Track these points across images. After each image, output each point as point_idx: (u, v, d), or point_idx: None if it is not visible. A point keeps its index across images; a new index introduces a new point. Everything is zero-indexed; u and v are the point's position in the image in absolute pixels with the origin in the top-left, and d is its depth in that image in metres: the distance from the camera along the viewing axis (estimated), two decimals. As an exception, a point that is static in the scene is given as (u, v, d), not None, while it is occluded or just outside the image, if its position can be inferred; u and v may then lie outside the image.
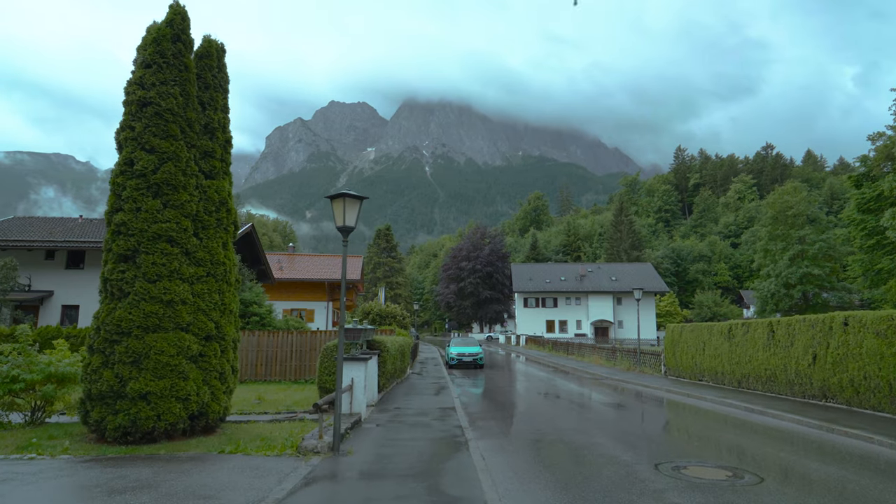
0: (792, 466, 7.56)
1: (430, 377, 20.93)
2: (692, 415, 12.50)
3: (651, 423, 11.66)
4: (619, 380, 20.82)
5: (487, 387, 19.00)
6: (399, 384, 17.76)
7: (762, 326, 15.37)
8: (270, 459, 7.25)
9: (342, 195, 7.93)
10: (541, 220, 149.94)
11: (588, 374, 23.95)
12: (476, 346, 28.63)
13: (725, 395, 15.01)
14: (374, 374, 12.67)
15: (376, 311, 25.58)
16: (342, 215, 7.92)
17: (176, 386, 8.41)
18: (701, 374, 18.96)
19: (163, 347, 8.39)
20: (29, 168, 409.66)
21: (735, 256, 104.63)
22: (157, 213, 8.79)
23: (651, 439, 9.44)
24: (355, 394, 10.28)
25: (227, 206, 9.92)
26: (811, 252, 57.02)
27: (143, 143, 8.91)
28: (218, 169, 9.82)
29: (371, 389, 12.53)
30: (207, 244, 9.35)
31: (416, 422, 10.58)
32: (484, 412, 12.63)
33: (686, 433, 10.25)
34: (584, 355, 33.05)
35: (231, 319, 9.76)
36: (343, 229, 7.97)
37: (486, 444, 8.69)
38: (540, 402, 14.89)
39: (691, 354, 19.58)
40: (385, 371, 13.72)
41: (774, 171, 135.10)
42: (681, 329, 20.74)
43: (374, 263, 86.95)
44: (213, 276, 9.34)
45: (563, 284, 69.47)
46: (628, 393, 17.13)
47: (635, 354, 25.22)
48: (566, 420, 11.40)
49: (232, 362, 9.80)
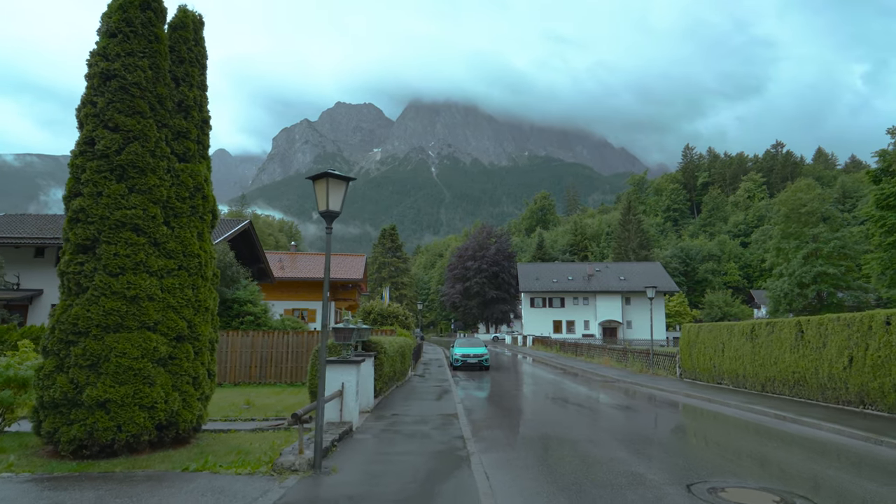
0: (847, 488, 6.49)
1: (433, 380, 19.92)
2: (717, 422, 11.42)
3: (673, 433, 10.60)
4: (632, 382, 19.73)
5: (493, 390, 17.97)
6: (399, 387, 16.76)
7: (789, 326, 14.25)
8: (240, 479, 6.26)
9: (325, 175, 6.95)
10: (547, 219, 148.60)
11: (598, 376, 22.87)
12: (481, 347, 27.59)
13: (750, 400, 13.90)
14: (369, 378, 11.68)
15: (378, 310, 24.60)
16: (325, 198, 6.94)
17: (140, 392, 7.45)
18: (720, 376, 17.85)
19: (125, 349, 7.43)
20: (38, 170, 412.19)
21: (745, 256, 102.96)
22: (120, 198, 7.84)
23: (676, 452, 8.39)
24: (346, 400, 9.30)
25: (204, 192, 8.96)
26: (826, 250, 55.56)
27: (106, 120, 7.96)
28: (193, 151, 8.85)
29: (366, 395, 11.54)
30: (180, 234, 8.39)
31: (414, 431, 9.57)
32: (489, 419, 11.61)
33: (715, 444, 9.18)
34: (594, 356, 31.95)
35: (207, 318, 8.79)
36: (327, 214, 6.99)
37: (491, 459, 7.68)
38: (549, 407, 13.84)
39: (709, 356, 18.47)
40: (382, 374, 12.73)
41: (784, 170, 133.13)
42: (698, 329, 19.63)
43: (379, 263, 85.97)
44: (185, 270, 8.38)
45: (571, 284, 68.27)
46: (643, 397, 16.05)
47: (648, 356, 24.11)
48: (579, 429, 10.36)
49: (208, 365, 8.84)
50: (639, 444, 8.85)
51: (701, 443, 9.32)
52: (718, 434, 10.11)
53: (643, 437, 9.58)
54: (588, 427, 10.60)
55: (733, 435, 9.98)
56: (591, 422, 11.36)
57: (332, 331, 9.64)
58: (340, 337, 9.51)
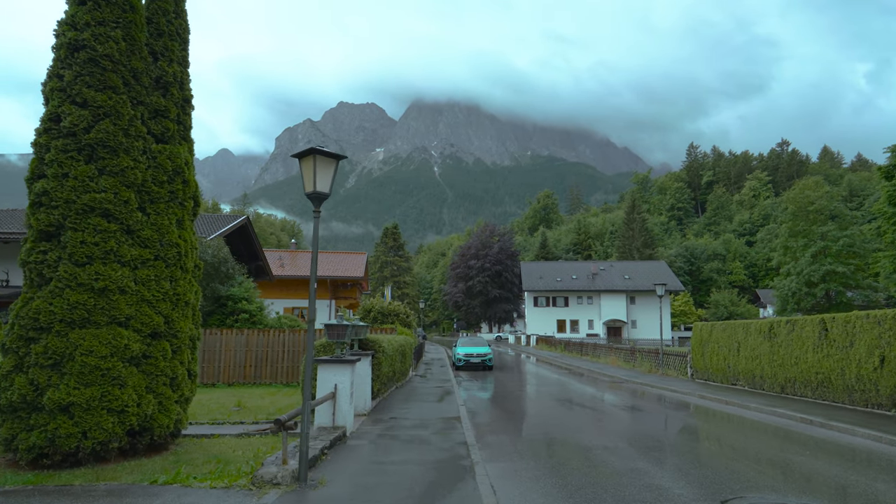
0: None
1: (435, 380, 19.18)
2: (739, 427, 10.63)
3: (694, 439, 9.81)
4: (642, 383, 18.95)
5: (497, 391, 17.22)
6: (399, 388, 16.01)
7: (812, 324, 13.46)
8: (212, 494, 5.52)
9: (312, 152, 6.20)
10: (550, 218, 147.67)
11: (606, 376, 22.09)
12: (485, 347, 26.84)
13: (770, 402, 13.11)
14: (365, 379, 10.93)
15: (378, 308, 23.87)
16: (312, 178, 6.19)
17: (109, 395, 6.72)
18: (735, 377, 17.05)
19: (92, 347, 6.70)
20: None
21: (750, 255, 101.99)
22: (89, 180, 7.11)
23: (702, 461, 7.61)
24: (339, 403, 8.55)
25: (184, 176, 8.22)
26: (834, 249, 54.59)
27: (74, 94, 7.22)
28: (172, 132, 8.12)
29: (362, 396, 10.80)
30: (156, 221, 7.65)
31: (413, 437, 8.82)
32: (494, 423, 10.84)
33: (742, 452, 8.41)
34: (600, 356, 31.16)
35: (187, 313, 8.06)
36: (314, 196, 6.24)
37: (498, 469, 6.92)
38: (557, 410, 13.08)
39: (723, 356, 17.67)
40: (380, 374, 11.98)
41: (790, 168, 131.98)
42: (711, 328, 18.84)
43: (382, 262, 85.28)
44: (162, 260, 7.64)
45: (575, 283, 67.45)
46: (655, 399, 15.26)
47: (657, 355, 23.31)
48: (591, 434, 9.60)
49: (188, 365, 8.10)
50: (659, 453, 8.08)
51: (727, 451, 8.54)
52: (743, 440, 9.32)
53: (662, 444, 8.81)
54: (601, 432, 9.83)
55: (760, 441, 9.20)
56: (603, 426, 10.59)
57: (324, 328, 8.91)
58: (334, 334, 8.77)
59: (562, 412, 12.58)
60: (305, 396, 5.91)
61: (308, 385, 5.97)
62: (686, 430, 10.57)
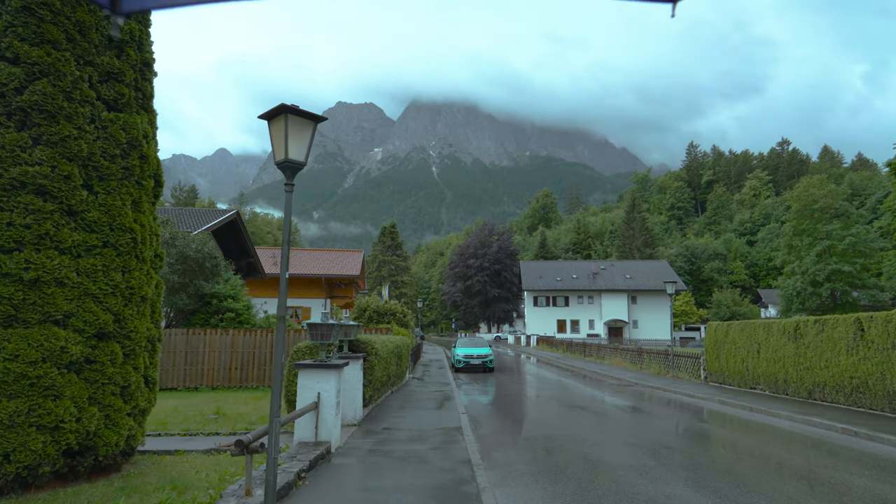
0: None
1: (433, 383, 18.02)
2: (775, 439, 9.50)
3: (730, 454, 8.65)
4: (653, 387, 17.82)
5: (501, 396, 16.07)
6: (394, 393, 14.85)
7: (845, 324, 12.33)
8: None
9: (283, 111, 5.05)
10: (549, 218, 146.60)
11: (613, 379, 20.96)
12: (485, 347, 25.70)
13: (802, 409, 11.98)
14: (355, 385, 9.77)
15: (373, 307, 22.70)
16: (283, 144, 5.04)
17: (39, 408, 5.55)
18: (754, 381, 15.93)
19: (18, 350, 5.54)
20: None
21: (751, 255, 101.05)
22: (20, 150, 5.94)
23: (748, 485, 6.46)
24: (323, 415, 7.38)
25: (142, 150, 7.05)
26: (840, 248, 53.59)
27: (3, 49, 6.05)
28: (128, 98, 6.95)
29: (351, 405, 9.64)
30: (106, 201, 6.48)
31: (409, 453, 7.66)
32: (500, 435, 9.69)
33: (790, 472, 7.27)
34: (604, 357, 30.03)
35: (144, 310, 6.89)
36: (287, 165, 5.08)
37: (510, 498, 5.77)
38: (569, 418, 11.93)
39: (741, 357, 16.55)
40: (373, 379, 10.81)
41: (791, 168, 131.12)
42: (727, 328, 17.71)
43: (379, 262, 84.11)
44: (113, 247, 6.48)
45: (575, 282, 66.36)
46: (673, 405, 14.13)
47: (666, 357, 22.18)
48: (612, 447, 8.47)
49: (145, 370, 6.93)
50: (694, 472, 6.94)
51: (771, 469, 7.40)
52: (785, 456, 8.18)
53: (696, 461, 7.66)
54: (622, 445, 8.69)
55: (804, 457, 8.06)
56: (623, 437, 9.44)
57: (307, 328, 7.75)
58: (317, 335, 7.60)
59: (574, 420, 11.43)
60: (272, 412, 4.74)
61: (277, 398, 4.82)
62: (717, 442, 9.42)
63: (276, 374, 4.86)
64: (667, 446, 8.69)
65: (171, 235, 17.38)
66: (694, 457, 7.96)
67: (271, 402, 4.79)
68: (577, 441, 8.98)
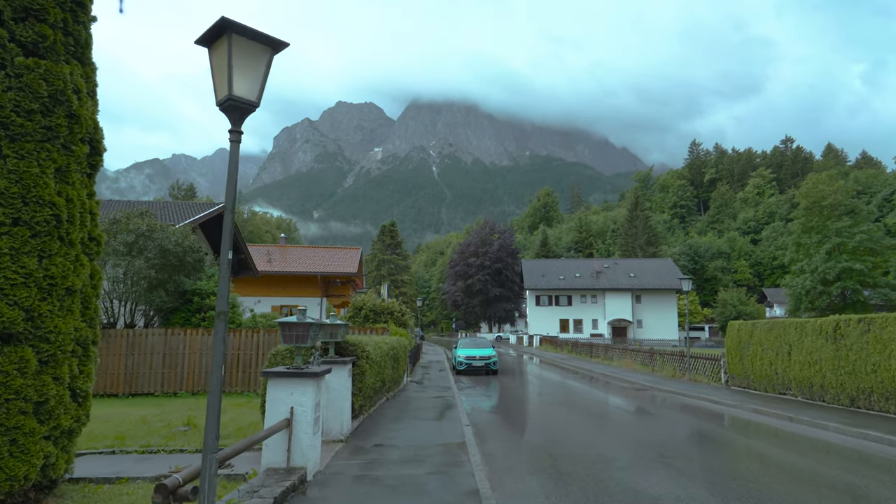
0: None
1: (433, 388, 16.65)
2: (832, 457, 8.13)
3: (784, 477, 7.24)
4: (671, 391, 16.46)
5: (507, 403, 14.70)
6: (390, 400, 13.48)
7: (895, 322, 10.96)
8: None
9: (225, 28, 3.67)
10: (551, 216, 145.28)
11: (626, 382, 19.60)
12: (489, 349, 24.33)
13: (849, 419, 10.61)
14: (342, 394, 8.39)
15: (369, 306, 21.33)
16: (227, 76, 3.66)
17: None
18: (784, 385, 14.55)
19: None
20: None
21: (756, 253, 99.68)
22: None
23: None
24: (297, 435, 6.01)
25: (71, 108, 5.66)
26: (850, 245, 52.13)
27: None
28: (52, 42, 5.56)
29: (337, 418, 8.27)
30: (18, 168, 5.11)
31: (403, 480, 6.29)
32: (511, 454, 8.32)
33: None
34: (613, 359, 28.66)
35: (71, 305, 5.51)
36: (231, 104, 3.71)
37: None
38: (588, 430, 10.56)
39: (769, 360, 15.17)
40: (364, 387, 9.43)
41: (795, 166, 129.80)
42: (751, 328, 16.33)
43: (379, 261, 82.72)
44: (26, 226, 5.11)
45: (578, 281, 65.02)
46: (702, 414, 12.75)
47: (681, 358, 20.82)
48: (646, 472, 7.11)
49: (74, 382, 5.55)
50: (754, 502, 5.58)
51: (847, 501, 6.03)
52: (860, 483, 6.80)
53: (753, 489, 6.27)
54: (659, 468, 7.32)
55: (882, 484, 6.68)
56: (657, 458, 8.07)
57: (279, 326, 6.38)
58: (291, 336, 6.23)
59: (594, 433, 10.07)
60: (207, 445, 3.37)
61: (214, 425, 3.44)
62: (771, 465, 8.04)
63: (214, 389, 3.49)
64: (709, 468, 7.32)
65: (148, 227, 16.02)
66: (749, 481, 6.57)
67: (206, 432, 3.42)
68: (603, 461, 7.60)
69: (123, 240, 15.70)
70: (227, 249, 3.70)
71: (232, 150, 3.78)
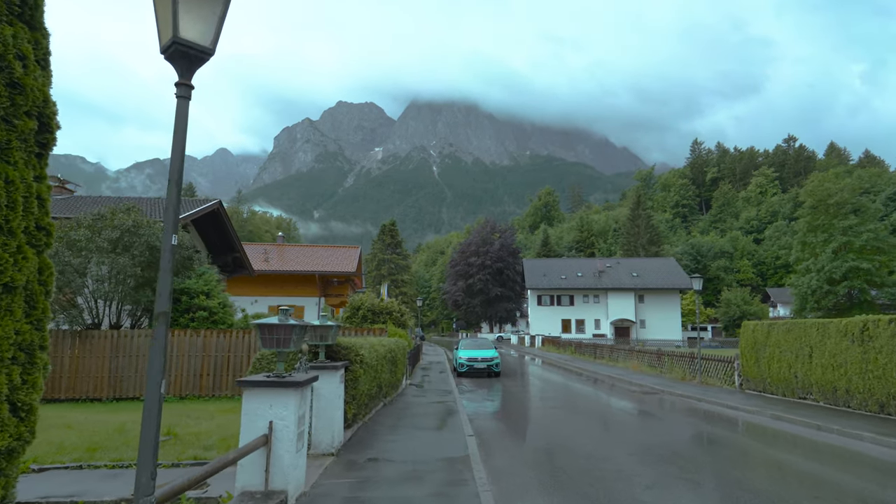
0: None
1: (434, 392, 15.87)
2: (876, 473, 7.34)
3: (839, 500, 6.47)
4: (683, 395, 15.67)
5: (513, 409, 13.91)
6: (387, 405, 12.69)
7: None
8: None
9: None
10: (552, 216, 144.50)
11: (634, 385, 18.81)
12: (491, 350, 23.54)
13: (882, 428, 9.82)
14: (333, 403, 7.60)
15: (367, 305, 20.55)
16: (171, 14, 2.88)
17: None
18: (804, 389, 13.76)
19: None
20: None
21: (759, 253, 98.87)
22: None
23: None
24: (276, 452, 5.23)
25: (14, 76, 4.87)
26: (857, 244, 51.29)
27: None
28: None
29: (328, 428, 7.49)
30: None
31: (399, 502, 5.51)
32: (521, 470, 7.53)
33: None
34: (618, 360, 27.87)
35: (10, 305, 4.72)
36: (178, 51, 2.93)
37: None
38: (602, 440, 9.78)
39: (787, 362, 14.38)
40: (358, 394, 8.65)
41: (798, 165, 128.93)
42: (768, 328, 15.53)
43: (379, 260, 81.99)
44: (-48, 211, 4.32)
45: (580, 281, 64.19)
46: (722, 421, 11.96)
47: (692, 360, 20.03)
48: (671, 487, 6.33)
49: (13, 394, 4.75)
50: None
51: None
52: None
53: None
54: (680, 483, 6.53)
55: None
56: (672, 469, 7.28)
57: (254, 329, 5.59)
58: (271, 340, 5.45)
59: (605, 444, 9.29)
60: (139, 488, 2.60)
61: (148, 456, 2.67)
62: (802, 479, 7.24)
63: (149, 411, 2.72)
64: (753, 490, 6.53)
65: (134, 223, 15.24)
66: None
67: (138, 469, 2.64)
68: (624, 479, 6.82)
69: (108, 236, 14.93)
70: (171, 234, 2.92)
71: (179, 109, 3.01)
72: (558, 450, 8.77)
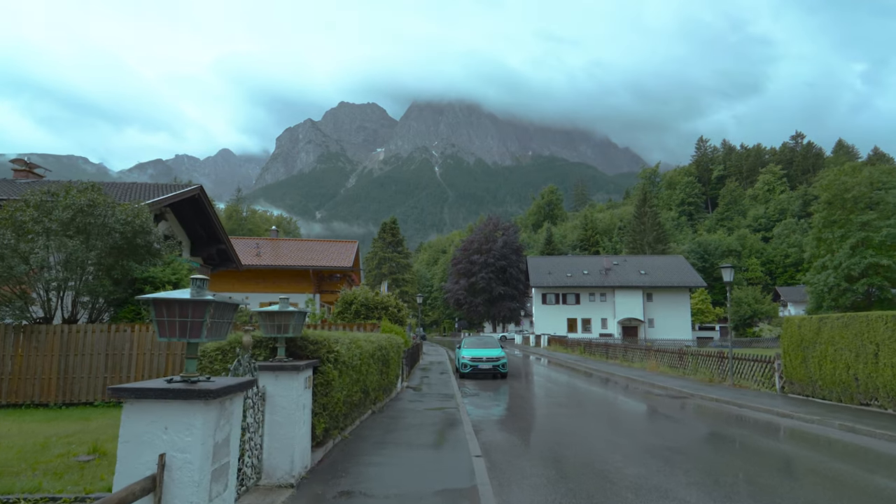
0: None
1: (433, 396, 13.85)
2: None
3: None
4: (718, 400, 13.64)
5: (525, 417, 11.88)
6: (377, 413, 10.67)
7: None
8: None
9: None
10: (555, 214, 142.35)
11: (658, 388, 16.79)
12: (497, 349, 21.52)
13: None
14: (293, 417, 5.58)
15: (360, 300, 18.55)
16: None
17: None
18: (867, 394, 11.73)
19: None
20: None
21: (767, 251, 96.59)
22: None
23: None
24: (169, 501, 3.23)
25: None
26: (877, 240, 49.10)
27: None
28: None
29: (286, 450, 5.46)
30: None
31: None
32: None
33: None
34: (633, 360, 25.83)
35: None
36: None
37: None
38: (630, 455, 7.75)
39: (844, 362, 12.34)
40: (331, 402, 6.62)
41: (806, 162, 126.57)
42: (818, 323, 13.50)
43: (380, 259, 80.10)
44: None
45: (586, 279, 62.10)
46: (782, 434, 9.92)
47: (720, 360, 17.99)
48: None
49: None
50: None
51: None
52: None
53: None
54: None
55: None
56: (737, 496, 5.27)
57: (151, 308, 3.58)
58: (173, 326, 3.48)
59: (642, 462, 7.27)
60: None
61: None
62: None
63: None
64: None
65: (90, 202, 13.25)
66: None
67: None
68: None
69: (58, 217, 12.97)
70: None
71: None
72: (591, 477, 6.72)
